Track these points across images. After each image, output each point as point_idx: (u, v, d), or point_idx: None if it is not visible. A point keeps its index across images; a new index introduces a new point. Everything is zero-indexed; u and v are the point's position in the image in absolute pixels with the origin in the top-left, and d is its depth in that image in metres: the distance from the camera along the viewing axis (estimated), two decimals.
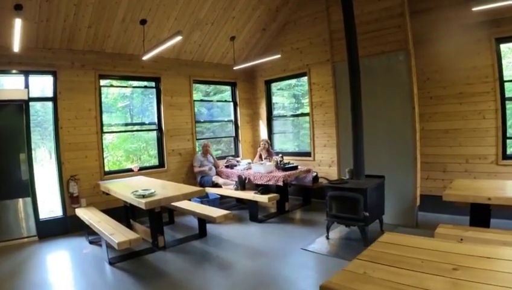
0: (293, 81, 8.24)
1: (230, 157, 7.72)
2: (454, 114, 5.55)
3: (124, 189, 4.84)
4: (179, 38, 4.96)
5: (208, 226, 5.40)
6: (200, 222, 5.32)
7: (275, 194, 6.00)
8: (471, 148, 5.44)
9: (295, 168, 6.67)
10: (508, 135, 5.25)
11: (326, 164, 7.20)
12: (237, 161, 7.55)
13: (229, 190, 6.53)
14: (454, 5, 5.40)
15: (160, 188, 4.77)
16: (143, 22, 5.70)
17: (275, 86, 8.43)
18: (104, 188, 5.33)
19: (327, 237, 4.97)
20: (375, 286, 1.89)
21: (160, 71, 6.78)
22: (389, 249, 2.47)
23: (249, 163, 7.26)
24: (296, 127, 8.27)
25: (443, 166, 5.71)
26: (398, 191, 5.34)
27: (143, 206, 4.06)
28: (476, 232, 3.51)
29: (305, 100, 8.10)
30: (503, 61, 5.20)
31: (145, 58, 5.78)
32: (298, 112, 8.08)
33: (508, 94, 5.20)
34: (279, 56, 6.64)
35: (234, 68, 7.41)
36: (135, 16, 5.57)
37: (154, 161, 6.91)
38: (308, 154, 7.57)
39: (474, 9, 4.48)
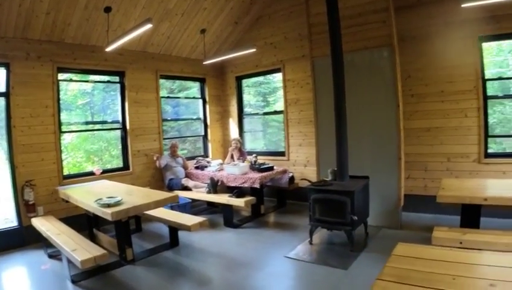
0: (260, 78, 7.89)
1: (200, 158, 7.20)
2: (435, 112, 5.41)
3: (86, 196, 4.22)
4: (148, 26, 4.40)
5: (180, 233, 4.86)
6: (171, 230, 4.80)
7: (251, 197, 5.59)
8: (452, 146, 5.33)
9: (271, 168, 6.28)
10: (489, 133, 5.16)
11: (301, 164, 6.90)
12: (207, 162, 7.06)
13: (200, 193, 6.03)
14: (437, 2, 5.26)
15: (126, 194, 4.19)
16: (107, 9, 5.06)
17: (245, 83, 8.02)
18: (64, 194, 4.66)
19: (310, 243, 4.64)
20: None
21: (125, 65, 6.14)
22: (411, 264, 2.15)
23: (221, 164, 6.80)
24: (269, 126, 7.90)
25: (424, 165, 5.56)
26: (382, 191, 5.10)
27: (109, 217, 3.49)
28: (474, 235, 3.34)
29: (272, 98, 7.83)
30: (485, 60, 5.12)
31: (109, 49, 5.15)
32: (272, 110, 7.69)
33: (490, 93, 5.11)
34: (254, 50, 6.22)
35: (205, 62, 6.89)
36: (99, 2, 4.93)
37: (118, 163, 6.27)
38: (282, 153, 7.23)
39: (463, 5, 4.35)
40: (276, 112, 7.48)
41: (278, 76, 7.26)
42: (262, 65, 7.32)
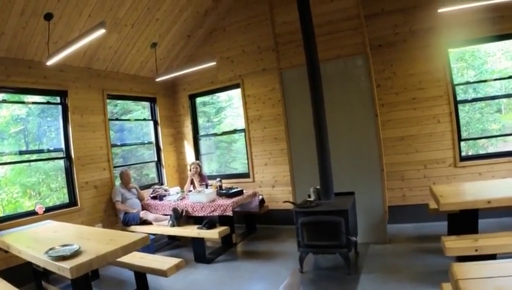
0: (206, 98, 7.36)
1: (156, 187, 6.34)
2: (408, 120, 5.27)
3: (32, 245, 3.23)
4: (101, 32, 3.62)
5: (148, 277, 4.00)
6: (138, 275, 3.92)
7: (224, 227, 4.86)
8: (428, 153, 5.21)
9: (241, 193, 5.63)
10: (462, 137, 5.14)
11: (268, 185, 6.37)
12: (165, 190, 6.23)
13: (163, 227, 5.20)
14: (401, 11, 5.21)
15: (83, 239, 3.25)
16: (48, 16, 4.18)
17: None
18: (2, 244, 3.56)
19: (301, 271, 4.06)
20: None
21: (68, 83, 5.19)
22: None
23: (182, 192, 6.03)
24: (229, 146, 7.31)
25: (401, 174, 5.35)
26: (366, 206, 4.74)
27: (68, 274, 2.60)
28: (486, 240, 3.10)
29: (217, 119, 7.39)
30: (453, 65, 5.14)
31: (50, 62, 4.24)
32: (227, 130, 7.15)
33: (459, 97, 5.11)
34: (214, 64, 5.62)
35: (157, 79, 6.13)
36: (38, 8, 4.05)
37: (59, 197, 5.22)
38: (246, 175, 6.66)
39: (439, 10, 4.28)
40: (236, 131, 6.92)
41: (223, 96, 6.84)
42: (218, 81, 6.76)
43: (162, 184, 6.86)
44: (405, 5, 5.16)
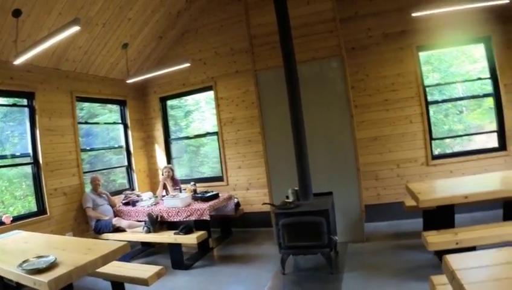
0: (174, 102, 7.24)
1: (128, 192, 6.10)
2: (381, 121, 5.40)
3: (1, 257, 2.99)
4: (74, 29, 3.43)
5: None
6: (115, 286, 3.73)
7: (202, 232, 4.73)
8: (401, 152, 5.37)
9: (217, 196, 5.51)
10: (433, 136, 5.34)
11: (243, 188, 6.31)
12: (137, 196, 6.00)
13: (138, 234, 4.99)
14: (374, 14, 5.35)
15: (57, 249, 3.03)
16: (17, 13, 3.91)
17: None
18: None
19: (283, 273, 4.02)
20: None
21: (35, 84, 4.88)
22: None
23: (155, 197, 5.85)
24: (200, 150, 7.19)
25: (374, 174, 5.47)
26: (344, 205, 4.81)
27: (46, 289, 2.42)
28: (465, 233, 3.24)
29: (184, 123, 7.29)
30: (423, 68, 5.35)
31: (18, 61, 3.96)
32: (196, 133, 7.05)
33: (430, 98, 5.32)
34: (188, 65, 5.48)
35: (128, 81, 5.93)
36: (6, 3, 3.78)
37: (27, 206, 4.90)
38: (219, 178, 6.55)
39: (414, 14, 4.45)
40: (209, 134, 6.81)
41: (190, 99, 6.89)
42: (190, 84, 6.63)
43: (133, 189, 6.62)
44: (378, 9, 5.30)
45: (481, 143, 5.48)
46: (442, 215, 3.67)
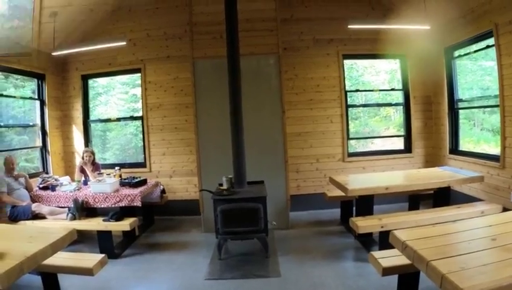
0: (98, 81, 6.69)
1: (45, 175, 5.44)
2: (305, 118, 5.72)
3: None
4: None
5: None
6: (46, 278, 3.33)
7: (134, 219, 4.47)
8: (321, 148, 5.75)
9: (145, 182, 5.25)
10: (350, 136, 5.85)
11: (166, 175, 6.09)
12: (56, 180, 5.40)
13: (61, 221, 4.46)
14: (307, 20, 5.63)
15: None
16: None
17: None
18: None
19: (220, 258, 4.07)
20: None
21: None
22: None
23: (78, 181, 5.33)
24: (122, 134, 6.77)
25: (296, 167, 5.77)
26: (271, 194, 4.84)
27: None
28: (388, 219, 3.72)
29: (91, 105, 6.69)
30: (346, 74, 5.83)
31: None
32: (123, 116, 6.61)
33: (349, 102, 5.83)
34: (124, 43, 5.10)
35: (53, 54, 5.24)
36: None
37: None
38: (141, 165, 6.22)
39: (350, 26, 4.81)
40: (133, 118, 6.44)
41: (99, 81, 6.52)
42: (116, 64, 6.10)
43: (47, 173, 5.93)
44: (312, 15, 5.59)
45: (390, 145, 6.26)
46: (363, 205, 4.11)
